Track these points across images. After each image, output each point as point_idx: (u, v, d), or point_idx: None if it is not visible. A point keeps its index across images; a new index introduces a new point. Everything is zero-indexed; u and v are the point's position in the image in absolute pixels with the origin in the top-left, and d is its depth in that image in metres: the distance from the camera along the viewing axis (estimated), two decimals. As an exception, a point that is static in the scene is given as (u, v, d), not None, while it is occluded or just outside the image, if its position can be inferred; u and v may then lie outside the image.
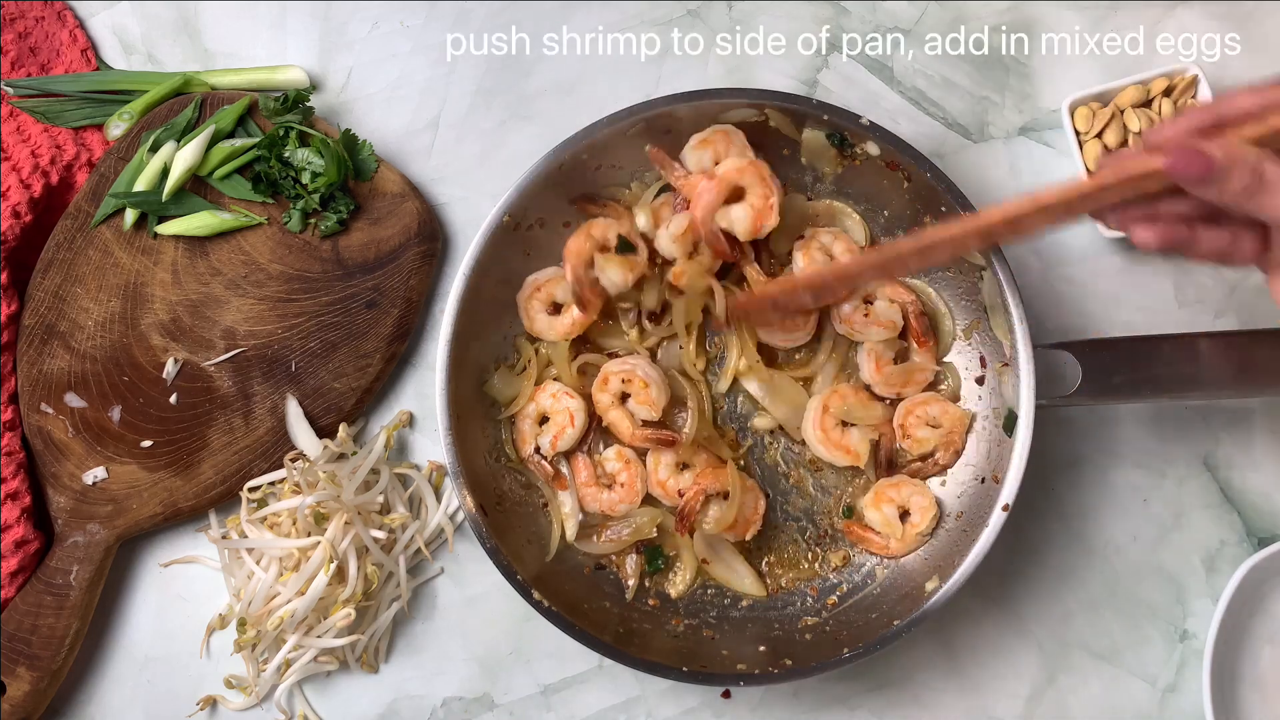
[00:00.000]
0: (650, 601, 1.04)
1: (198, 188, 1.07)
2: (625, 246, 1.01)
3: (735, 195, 1.00)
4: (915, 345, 1.04)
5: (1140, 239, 0.80)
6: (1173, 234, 0.79)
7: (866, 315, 1.04)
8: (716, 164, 1.01)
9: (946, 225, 0.88)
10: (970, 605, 1.05)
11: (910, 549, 1.02)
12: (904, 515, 1.03)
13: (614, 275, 1.00)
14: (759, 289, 1.01)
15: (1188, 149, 0.73)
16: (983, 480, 1.00)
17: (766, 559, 1.05)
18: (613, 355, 1.06)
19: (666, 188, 1.04)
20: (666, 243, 1.01)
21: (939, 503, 1.02)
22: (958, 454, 1.03)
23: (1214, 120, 0.76)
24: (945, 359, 1.05)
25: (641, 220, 1.03)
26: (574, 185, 1.03)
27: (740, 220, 0.99)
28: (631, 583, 1.04)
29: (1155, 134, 0.78)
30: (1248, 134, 0.74)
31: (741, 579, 1.04)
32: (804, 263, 1.03)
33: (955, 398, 1.04)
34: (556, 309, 1.04)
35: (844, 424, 1.04)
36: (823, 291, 1.00)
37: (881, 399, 1.05)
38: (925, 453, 1.04)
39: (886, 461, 1.04)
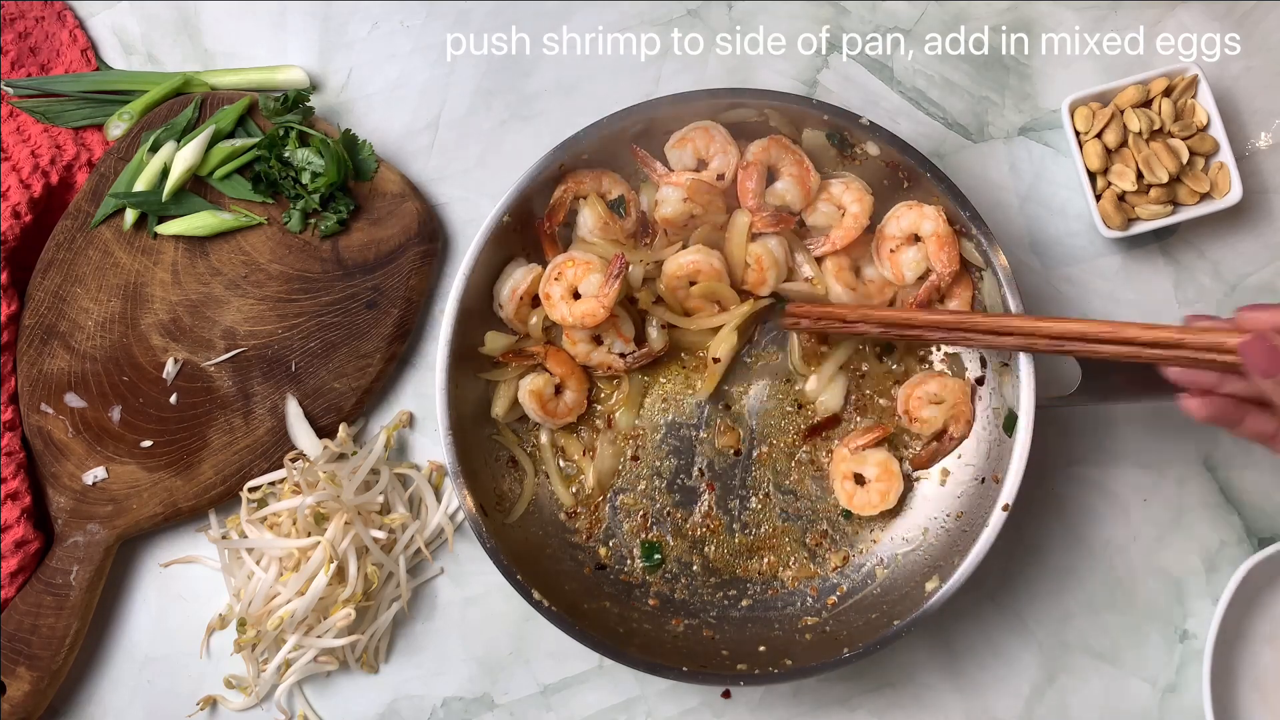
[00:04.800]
0: (650, 601, 1.04)
1: (198, 188, 1.07)
2: (618, 205, 1.03)
3: (770, 176, 1.03)
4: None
5: (1187, 406, 0.84)
6: (1223, 411, 0.82)
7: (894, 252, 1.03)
8: (699, 160, 1.02)
9: (1022, 318, 0.91)
10: (970, 605, 1.05)
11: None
12: (860, 480, 1.03)
13: (588, 217, 1.02)
14: (820, 306, 1.01)
15: (1265, 341, 0.76)
16: (983, 480, 1.00)
17: (767, 558, 1.05)
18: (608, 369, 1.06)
19: None
20: (673, 203, 1.01)
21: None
22: (969, 423, 1.03)
23: None
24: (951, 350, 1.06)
25: (645, 200, 1.04)
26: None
27: (790, 190, 1.02)
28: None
29: (1249, 315, 0.79)
30: None
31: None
32: (812, 217, 1.03)
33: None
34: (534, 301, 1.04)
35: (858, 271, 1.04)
36: (886, 328, 0.99)
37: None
38: (937, 431, 1.04)
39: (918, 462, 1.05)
